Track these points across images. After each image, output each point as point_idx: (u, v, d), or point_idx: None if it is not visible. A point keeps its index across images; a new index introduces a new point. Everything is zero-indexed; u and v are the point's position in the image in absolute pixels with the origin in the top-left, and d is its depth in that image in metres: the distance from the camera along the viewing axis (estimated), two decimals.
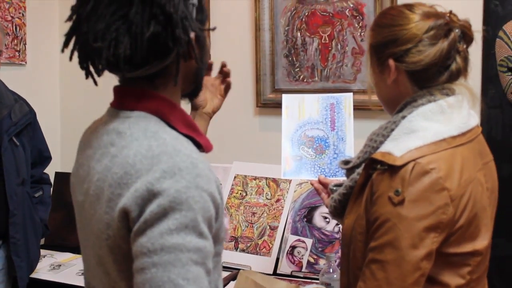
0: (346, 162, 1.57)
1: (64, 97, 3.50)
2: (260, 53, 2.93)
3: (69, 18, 1.15)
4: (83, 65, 1.15)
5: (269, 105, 2.96)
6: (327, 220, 2.63)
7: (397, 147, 1.34)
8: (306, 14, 2.85)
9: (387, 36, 1.45)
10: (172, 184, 1.02)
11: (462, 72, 1.44)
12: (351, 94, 2.09)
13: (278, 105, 2.87)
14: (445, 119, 1.39)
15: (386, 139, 1.43)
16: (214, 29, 1.24)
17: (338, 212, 1.54)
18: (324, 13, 2.82)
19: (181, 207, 1.01)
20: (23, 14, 3.16)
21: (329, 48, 2.83)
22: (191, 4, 1.14)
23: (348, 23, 2.78)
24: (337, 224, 2.60)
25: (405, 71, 1.43)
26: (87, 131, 1.27)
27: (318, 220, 2.66)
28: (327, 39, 2.83)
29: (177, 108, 1.18)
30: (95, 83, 1.18)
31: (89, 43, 1.08)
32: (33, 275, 2.61)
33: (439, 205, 1.29)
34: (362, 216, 1.39)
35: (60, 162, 3.33)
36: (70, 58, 1.19)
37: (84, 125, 1.28)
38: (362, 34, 2.76)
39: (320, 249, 2.59)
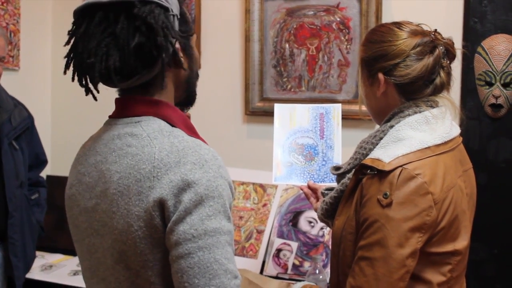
0: (337, 168, 1.66)
1: (55, 102, 3.52)
2: (249, 63, 3.00)
3: (68, 42, 1.26)
4: (81, 82, 1.25)
5: (257, 113, 3.02)
6: (312, 224, 2.70)
7: (385, 154, 1.43)
8: (295, 26, 2.93)
9: (377, 51, 1.55)
10: (203, 174, 1.13)
11: (445, 85, 1.55)
12: (339, 105, 2.16)
13: (265, 113, 2.97)
14: (430, 129, 1.49)
15: (375, 147, 1.52)
16: (192, 34, 1.33)
17: (329, 214, 1.63)
18: (312, 26, 2.91)
19: (214, 194, 1.13)
20: (17, 21, 3.20)
21: (316, 60, 2.91)
22: (172, 16, 1.23)
23: (334, 36, 2.87)
24: (321, 228, 2.67)
25: (393, 84, 1.53)
26: (86, 144, 1.33)
27: (303, 224, 2.73)
28: (314, 51, 2.91)
29: (178, 111, 1.29)
30: (95, 98, 1.28)
31: (84, 61, 1.19)
32: (26, 275, 2.64)
33: (424, 208, 1.38)
34: (352, 217, 1.47)
35: (50, 165, 3.34)
36: (72, 79, 1.28)
37: (75, 130, 1.38)
38: (348, 46, 2.85)
39: (305, 252, 2.65)
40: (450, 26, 2.69)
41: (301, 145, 2.14)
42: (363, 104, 1.69)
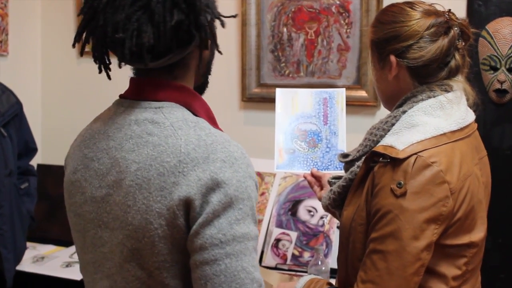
0: (344, 156, 1.59)
1: (45, 88, 3.46)
2: (246, 47, 2.94)
3: (81, 11, 1.14)
4: (100, 58, 1.14)
5: (254, 99, 2.97)
6: (312, 213, 2.65)
7: (399, 141, 1.37)
8: (293, 10, 2.87)
9: (389, 32, 1.48)
10: (233, 173, 1.06)
11: (460, 69, 1.49)
12: (343, 89, 2.12)
13: (263, 100, 2.94)
14: (445, 114, 1.43)
15: (386, 133, 1.46)
16: (236, 16, 1.25)
17: (337, 204, 1.57)
18: (311, 9, 2.84)
19: (243, 196, 1.06)
20: (5, 5, 3.11)
21: (315, 44, 2.85)
22: None
23: (334, 20, 2.81)
24: (321, 218, 2.62)
25: (406, 67, 1.47)
26: (93, 125, 1.22)
27: (302, 213, 2.68)
28: (313, 35, 2.85)
29: (201, 99, 1.20)
30: (109, 77, 1.17)
31: (108, 35, 1.08)
32: (17, 267, 2.59)
33: (440, 198, 1.33)
34: (362, 207, 1.42)
35: (41, 154, 3.28)
36: (81, 53, 1.20)
37: (66, 117, 1.27)
38: (348, 30, 2.79)
39: (304, 242, 2.61)
40: (454, 9, 2.56)
41: (304, 131, 2.09)
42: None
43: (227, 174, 1.06)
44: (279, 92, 2.14)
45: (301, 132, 2.09)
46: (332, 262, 2.43)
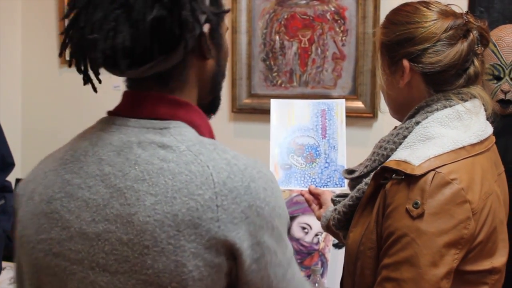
0: (350, 171, 1.48)
1: (25, 99, 3.39)
2: (236, 56, 2.85)
3: (67, 15, 1.00)
4: (79, 66, 1.00)
5: (244, 110, 2.88)
6: (306, 230, 2.56)
7: (414, 155, 1.26)
8: (285, 17, 2.78)
9: (402, 34, 1.37)
10: (276, 202, 0.98)
11: (479, 76, 1.38)
12: (343, 100, 2.04)
13: (254, 111, 2.86)
14: (463, 126, 1.32)
15: (398, 146, 1.35)
16: (228, 11, 1.07)
17: (342, 225, 1.45)
18: (304, 16, 2.75)
19: (286, 221, 1.01)
20: None
21: (309, 53, 2.76)
22: None
23: (329, 27, 2.72)
24: (316, 235, 2.53)
25: (420, 72, 1.36)
26: (76, 145, 1.04)
27: (296, 230, 2.57)
28: (306, 43, 2.76)
29: (205, 118, 1.06)
30: (95, 90, 1.04)
31: (85, 37, 0.95)
32: None
33: (461, 219, 1.22)
34: (372, 229, 1.30)
35: (21, 168, 3.20)
36: (69, 64, 1.05)
37: (47, 130, 1.13)
38: (343, 38, 2.70)
39: (298, 261, 2.50)
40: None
41: (301, 145, 2.01)
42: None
43: (271, 204, 0.96)
44: (274, 103, 2.06)
45: (298, 146, 2.01)
46: (327, 282, 2.35)
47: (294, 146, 2.00)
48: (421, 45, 1.34)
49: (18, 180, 3.07)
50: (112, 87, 1.56)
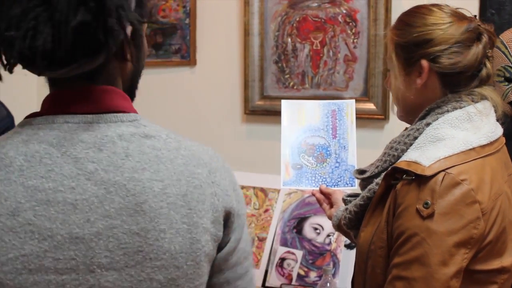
0: (361, 172, 1.50)
1: (41, 100, 3.36)
2: (248, 58, 2.86)
3: None
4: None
5: (257, 112, 2.89)
6: (318, 231, 2.58)
7: (424, 156, 1.28)
8: (297, 19, 2.79)
9: (420, 35, 1.39)
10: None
11: (491, 77, 1.41)
12: (353, 101, 2.04)
13: (266, 112, 2.87)
14: (473, 127, 1.33)
15: (408, 147, 1.37)
16: (155, 22, 1.10)
17: (353, 224, 1.47)
18: (316, 19, 2.77)
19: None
20: None
21: (321, 55, 2.77)
22: None
23: (340, 30, 2.73)
24: (328, 236, 2.55)
25: (437, 74, 1.38)
26: (23, 147, 0.93)
27: (308, 231, 2.60)
28: (318, 45, 2.77)
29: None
30: (0, 78, 0.96)
31: (1, 32, 0.89)
32: None
33: (471, 219, 1.23)
34: (382, 229, 1.32)
35: None
36: None
37: None
38: (355, 40, 2.71)
39: (310, 261, 2.53)
40: None
41: (311, 145, 2.01)
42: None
43: (238, 184, 1.06)
44: (285, 104, 2.07)
45: (309, 146, 2.01)
46: (339, 282, 2.37)
47: (305, 146, 2.00)
48: (440, 46, 1.36)
49: None
50: None
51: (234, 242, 1.01)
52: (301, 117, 2.04)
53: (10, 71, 0.94)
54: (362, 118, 2.67)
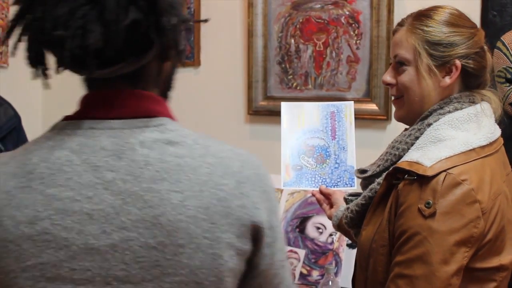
0: (362, 171, 1.52)
1: (46, 102, 3.42)
2: (252, 59, 2.88)
3: (17, 1, 0.91)
4: (35, 60, 0.93)
5: (260, 112, 2.91)
6: (320, 230, 2.58)
7: (425, 156, 1.29)
8: (301, 20, 2.81)
9: (455, 35, 1.41)
10: (273, 188, 0.99)
11: (489, 81, 1.46)
12: (352, 102, 2.05)
13: (270, 113, 2.87)
14: (473, 128, 1.36)
15: (409, 147, 1.39)
16: (206, 20, 1.10)
17: (354, 223, 1.49)
18: (319, 20, 2.78)
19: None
20: (6, 15, 3.05)
21: (324, 56, 2.79)
22: None
23: (343, 31, 2.74)
24: (330, 235, 2.55)
25: (460, 74, 1.41)
26: (50, 154, 0.92)
27: (310, 230, 2.60)
28: (321, 46, 2.79)
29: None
30: (46, 85, 0.97)
31: (47, 31, 0.87)
32: None
33: (471, 218, 1.25)
34: (384, 228, 1.34)
35: None
36: (13, 53, 0.93)
37: None
38: (357, 42, 2.73)
39: (313, 260, 2.53)
40: None
41: (311, 146, 2.02)
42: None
43: (273, 190, 0.97)
44: (285, 106, 2.08)
45: (309, 148, 2.03)
46: (341, 281, 2.36)
47: (305, 148, 2.01)
48: (473, 49, 1.41)
49: None
50: None
51: (270, 256, 0.95)
52: (300, 119, 2.05)
53: (58, 72, 0.94)
54: (365, 119, 2.69)
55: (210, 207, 0.89)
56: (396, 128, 2.71)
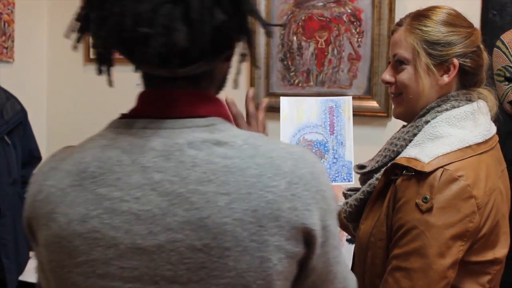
0: (361, 167, 1.54)
1: (51, 96, 3.44)
2: None
3: None
4: (107, 57, 0.92)
5: None
6: None
7: (423, 153, 1.32)
8: (303, 18, 2.84)
9: (453, 35, 1.43)
10: (330, 185, 0.96)
11: (484, 80, 1.48)
12: (350, 97, 2.06)
13: (272, 109, 2.82)
14: (470, 126, 1.38)
15: (408, 144, 1.41)
16: (282, 25, 1.09)
17: (353, 217, 1.51)
18: (321, 18, 2.81)
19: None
20: (11, 11, 3.08)
21: (325, 53, 2.81)
22: None
23: (345, 29, 2.77)
24: None
25: (460, 72, 1.44)
26: (101, 152, 0.93)
27: None
28: (323, 44, 2.82)
29: (228, 111, 1.04)
30: (110, 83, 0.95)
31: (127, 28, 0.85)
32: (19, 278, 2.52)
33: (467, 213, 1.27)
34: (382, 222, 1.36)
35: None
36: (95, 47, 0.93)
37: (72, 125, 1.08)
38: (359, 40, 2.75)
39: None
40: (467, 18, 2.58)
41: (310, 141, 2.03)
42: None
43: (329, 188, 0.93)
44: (284, 101, 2.08)
45: (307, 143, 2.04)
46: None
47: (304, 142, 2.02)
48: (470, 48, 1.43)
49: None
50: (134, 85, 1.63)
51: (323, 255, 0.93)
52: (299, 114, 2.06)
53: (137, 70, 0.94)
54: (365, 116, 2.72)
55: (258, 210, 0.86)
56: (396, 125, 2.70)
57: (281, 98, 2.11)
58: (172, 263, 0.87)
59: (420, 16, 1.47)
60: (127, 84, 1.91)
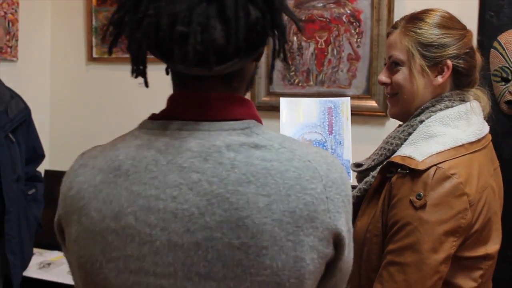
0: (358, 165, 1.58)
1: (54, 94, 3.46)
2: None
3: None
4: (142, 59, 0.93)
5: (263, 108, 2.94)
6: None
7: (417, 152, 1.36)
8: (303, 18, 2.86)
9: (447, 36, 1.47)
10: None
11: (477, 80, 1.53)
12: (348, 98, 2.09)
13: (272, 108, 2.87)
14: (463, 125, 1.42)
15: (402, 142, 1.45)
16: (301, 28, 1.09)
17: None
18: (321, 18, 2.83)
19: None
20: (16, 10, 3.11)
21: (325, 53, 2.84)
22: None
23: (344, 29, 2.80)
24: None
25: (454, 73, 1.47)
26: (138, 152, 0.94)
27: None
28: (323, 44, 2.84)
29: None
30: (146, 84, 0.96)
31: (163, 28, 0.87)
32: (24, 273, 2.56)
33: (459, 210, 1.31)
34: (378, 218, 1.40)
35: (49, 160, 3.27)
36: (110, 51, 0.97)
37: (74, 122, 1.09)
38: (358, 40, 2.78)
39: None
40: (465, 19, 2.56)
41: (309, 141, 2.06)
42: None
43: (351, 193, 0.98)
44: (283, 102, 2.11)
45: (306, 142, 2.07)
46: None
47: (303, 142, 2.06)
48: (463, 49, 1.47)
49: (46, 172, 3.18)
50: (137, 85, 1.65)
51: (347, 256, 0.96)
52: (299, 114, 2.09)
53: (167, 72, 0.97)
54: (364, 115, 2.75)
55: (296, 211, 0.89)
56: (394, 124, 2.74)
57: (281, 99, 2.14)
58: (208, 260, 0.88)
59: (415, 19, 1.51)
60: (128, 84, 1.95)
